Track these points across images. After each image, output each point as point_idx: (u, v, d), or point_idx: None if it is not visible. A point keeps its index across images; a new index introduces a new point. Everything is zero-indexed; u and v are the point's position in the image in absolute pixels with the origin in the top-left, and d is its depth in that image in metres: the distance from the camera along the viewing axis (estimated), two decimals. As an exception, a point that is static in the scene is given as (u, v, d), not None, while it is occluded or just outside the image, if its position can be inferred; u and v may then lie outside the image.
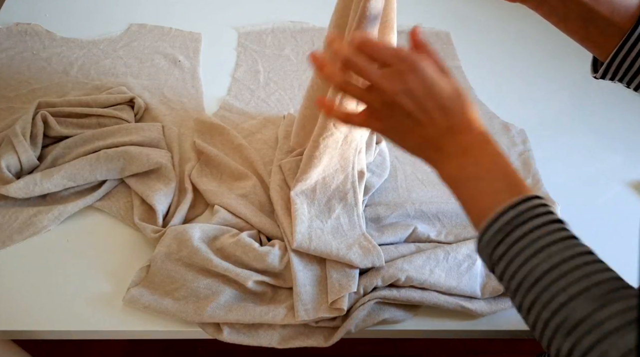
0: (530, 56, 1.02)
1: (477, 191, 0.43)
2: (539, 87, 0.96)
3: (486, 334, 0.63)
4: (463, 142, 0.43)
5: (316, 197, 0.67)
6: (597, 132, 0.89)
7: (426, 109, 0.43)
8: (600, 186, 0.81)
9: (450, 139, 0.44)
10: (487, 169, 0.43)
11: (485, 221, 0.41)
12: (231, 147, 0.76)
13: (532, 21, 1.10)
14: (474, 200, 0.43)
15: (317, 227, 0.65)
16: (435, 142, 0.44)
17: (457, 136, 0.44)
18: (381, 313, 0.61)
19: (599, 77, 0.53)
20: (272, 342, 0.60)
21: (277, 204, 0.68)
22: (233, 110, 0.84)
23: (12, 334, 0.60)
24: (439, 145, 0.44)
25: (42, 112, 0.73)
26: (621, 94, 0.96)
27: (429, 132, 0.44)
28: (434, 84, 0.43)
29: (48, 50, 0.91)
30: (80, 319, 0.59)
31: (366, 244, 0.64)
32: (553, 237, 0.38)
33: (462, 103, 0.44)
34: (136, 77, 0.87)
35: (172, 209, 0.69)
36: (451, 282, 0.62)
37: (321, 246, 0.63)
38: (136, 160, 0.70)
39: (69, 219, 0.68)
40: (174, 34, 0.97)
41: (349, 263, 0.62)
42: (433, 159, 0.45)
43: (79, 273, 0.63)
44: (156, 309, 0.59)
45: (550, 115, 0.91)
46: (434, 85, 0.43)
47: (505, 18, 1.10)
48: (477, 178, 0.43)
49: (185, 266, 0.62)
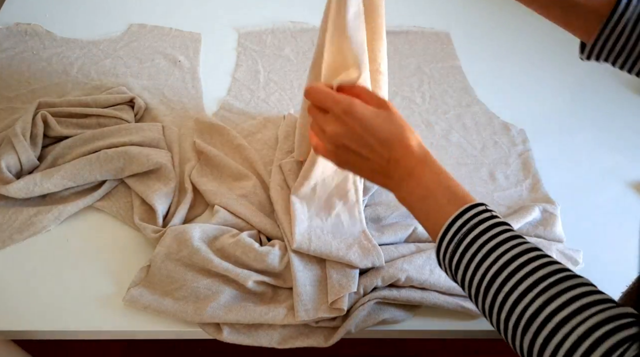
0: (530, 56, 1.02)
1: (427, 208, 0.46)
2: (539, 87, 0.96)
3: (486, 334, 0.64)
4: (407, 168, 0.47)
5: (316, 194, 0.67)
6: (597, 132, 0.89)
7: (367, 144, 0.47)
8: (600, 185, 0.81)
9: (395, 167, 0.47)
10: (430, 188, 0.46)
11: (437, 236, 0.44)
12: (231, 147, 0.76)
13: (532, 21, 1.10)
14: (427, 217, 0.46)
15: (316, 226, 0.65)
16: (384, 172, 0.48)
17: (399, 163, 0.47)
18: (381, 313, 0.61)
19: (585, 59, 0.55)
20: (272, 342, 0.60)
21: (277, 204, 0.68)
22: (233, 110, 0.84)
23: (12, 334, 0.60)
24: (387, 174, 0.48)
25: (42, 112, 0.73)
26: (621, 94, 0.96)
27: (375, 164, 0.48)
28: (369, 121, 0.47)
29: (48, 50, 0.91)
30: (80, 319, 0.59)
31: (366, 243, 0.64)
32: (498, 239, 0.41)
33: (399, 132, 0.48)
34: (136, 77, 0.87)
35: (172, 209, 0.69)
36: (451, 282, 0.62)
37: (321, 246, 0.63)
38: (136, 161, 0.70)
39: (69, 219, 0.68)
40: (174, 34, 0.97)
41: (349, 263, 0.62)
42: (387, 186, 0.49)
43: (79, 273, 0.63)
44: (156, 309, 0.59)
45: (550, 115, 0.91)
46: (370, 122, 0.47)
47: (505, 18, 1.10)
48: (424, 197, 0.46)
49: (185, 266, 0.62)
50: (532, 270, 0.39)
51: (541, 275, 0.38)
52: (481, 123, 0.87)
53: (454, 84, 0.94)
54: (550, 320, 0.36)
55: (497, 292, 0.40)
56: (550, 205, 0.74)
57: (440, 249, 0.44)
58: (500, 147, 0.84)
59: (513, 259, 0.40)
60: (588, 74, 1.00)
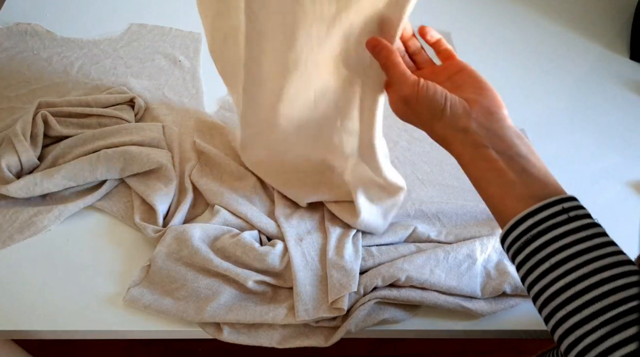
0: (531, 56, 1.02)
1: (495, 182, 0.44)
2: (540, 86, 0.96)
3: (486, 334, 0.63)
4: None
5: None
6: (597, 131, 0.89)
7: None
8: (600, 185, 0.81)
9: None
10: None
11: (505, 225, 0.42)
12: (231, 147, 0.76)
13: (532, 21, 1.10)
14: (492, 194, 0.44)
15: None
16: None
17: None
18: (381, 313, 0.61)
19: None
20: (272, 342, 0.60)
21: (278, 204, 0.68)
22: (233, 110, 0.84)
23: (12, 334, 0.60)
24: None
25: (42, 112, 0.73)
26: (621, 94, 0.96)
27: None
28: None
29: (48, 50, 0.91)
30: (80, 319, 0.59)
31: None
32: (575, 248, 0.37)
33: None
34: (136, 77, 0.87)
35: (172, 209, 0.69)
36: (451, 282, 0.62)
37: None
38: (136, 160, 0.70)
39: (69, 219, 0.68)
40: (174, 34, 0.97)
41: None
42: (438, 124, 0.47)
43: (79, 273, 0.63)
44: (156, 309, 0.59)
45: (550, 115, 0.91)
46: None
47: (505, 18, 1.10)
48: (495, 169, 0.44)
49: (186, 266, 0.62)
50: (604, 294, 0.35)
51: (611, 302, 0.35)
52: (481, 123, 0.87)
53: (454, 84, 0.94)
54: (608, 355, 0.33)
55: (559, 309, 0.37)
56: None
57: (507, 239, 0.41)
58: (501, 147, 0.84)
59: (585, 277, 0.36)
60: (588, 74, 1.00)
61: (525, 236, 0.40)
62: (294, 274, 0.61)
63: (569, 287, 0.36)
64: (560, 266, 0.37)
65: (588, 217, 0.39)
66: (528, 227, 0.39)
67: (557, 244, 0.38)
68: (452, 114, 0.45)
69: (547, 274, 0.38)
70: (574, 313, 0.36)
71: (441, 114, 0.45)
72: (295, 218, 0.68)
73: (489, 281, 0.64)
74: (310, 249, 0.64)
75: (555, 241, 0.38)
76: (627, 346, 0.33)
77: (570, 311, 0.36)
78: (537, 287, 0.39)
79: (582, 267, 0.37)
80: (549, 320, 0.38)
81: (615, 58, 1.03)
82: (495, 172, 0.43)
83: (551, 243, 0.38)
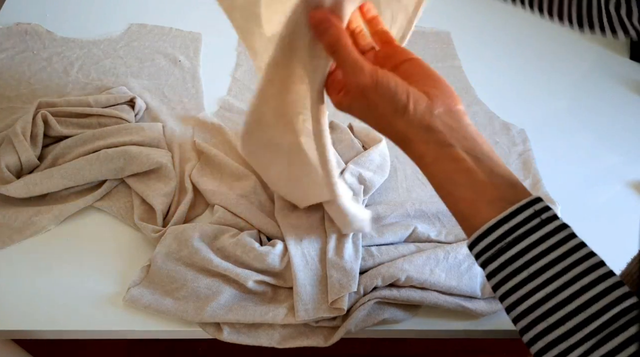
0: (531, 56, 1.02)
1: (458, 188, 0.41)
2: (539, 87, 0.96)
3: (486, 334, 0.63)
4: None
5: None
6: (597, 131, 0.89)
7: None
8: (600, 185, 0.81)
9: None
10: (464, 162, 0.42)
11: (472, 234, 0.39)
12: (231, 147, 0.76)
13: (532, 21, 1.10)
14: (456, 200, 0.42)
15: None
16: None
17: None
18: (381, 313, 0.61)
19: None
20: (272, 342, 0.60)
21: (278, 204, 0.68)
22: (233, 110, 0.84)
23: (12, 334, 0.60)
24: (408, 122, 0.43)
25: (42, 112, 0.73)
26: (621, 94, 0.96)
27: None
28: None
29: (48, 50, 0.91)
30: (80, 319, 0.59)
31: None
32: (553, 255, 0.36)
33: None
34: (136, 77, 0.87)
35: (172, 209, 0.69)
36: (451, 282, 0.62)
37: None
38: (136, 160, 0.70)
39: (69, 219, 0.68)
40: (174, 34, 0.97)
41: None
42: (403, 135, 0.43)
43: (79, 273, 0.63)
44: (156, 309, 0.59)
45: (550, 115, 0.91)
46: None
47: (505, 18, 1.10)
48: (456, 171, 0.42)
49: (186, 266, 0.62)
50: (586, 304, 0.34)
51: (594, 311, 0.33)
52: (481, 123, 0.87)
53: (454, 84, 0.93)
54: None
55: (539, 320, 0.35)
56: (551, 205, 0.74)
57: (478, 245, 0.39)
58: (501, 147, 0.84)
59: (565, 287, 0.34)
60: (588, 74, 1.00)
61: (499, 244, 0.37)
62: (294, 274, 0.61)
63: (549, 297, 0.35)
64: (538, 275, 0.35)
65: (557, 218, 0.37)
66: (502, 234, 0.37)
67: (533, 251, 0.36)
68: (415, 111, 0.40)
69: (525, 283, 0.36)
70: (557, 326, 0.34)
71: (403, 110, 0.40)
72: (295, 218, 0.68)
73: (489, 280, 0.64)
74: (310, 249, 0.64)
75: (531, 248, 0.36)
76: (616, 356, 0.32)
77: (552, 323, 0.34)
78: (513, 297, 0.37)
79: (562, 275, 0.35)
80: (526, 332, 0.36)
81: (615, 58, 1.03)
82: (464, 173, 0.40)
83: (528, 251, 0.36)
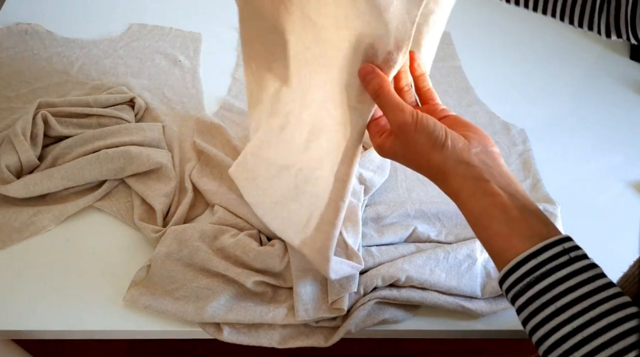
0: (531, 56, 1.02)
1: (491, 224, 0.43)
2: (540, 87, 0.96)
3: (486, 334, 0.63)
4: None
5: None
6: (597, 132, 0.89)
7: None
8: (600, 185, 0.81)
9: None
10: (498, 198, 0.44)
11: (503, 268, 0.41)
12: (231, 147, 0.76)
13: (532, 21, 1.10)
14: (490, 236, 0.43)
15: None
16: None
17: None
18: (381, 313, 0.61)
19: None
20: (272, 342, 0.60)
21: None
22: (233, 109, 0.84)
23: (12, 334, 0.60)
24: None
25: (42, 112, 0.73)
26: (621, 94, 0.96)
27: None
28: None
29: (48, 50, 0.91)
30: (80, 319, 0.59)
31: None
32: (581, 291, 0.37)
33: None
34: (136, 77, 0.87)
35: (172, 209, 0.69)
36: (451, 282, 0.62)
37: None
38: (136, 160, 0.70)
39: (69, 219, 0.68)
40: (174, 34, 0.97)
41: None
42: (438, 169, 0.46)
43: (79, 273, 0.63)
44: (156, 309, 0.59)
45: (551, 115, 0.91)
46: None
47: (505, 18, 1.10)
48: (489, 205, 0.43)
49: (186, 266, 0.62)
50: (612, 340, 0.35)
51: (621, 348, 0.34)
52: (481, 123, 0.87)
53: (454, 84, 0.94)
54: None
55: (567, 354, 0.36)
56: (551, 205, 0.74)
57: (507, 279, 0.40)
58: (501, 147, 0.84)
59: (591, 322, 0.35)
60: (588, 74, 1.00)
61: (527, 278, 0.38)
62: (294, 273, 0.61)
63: (576, 332, 0.36)
64: (566, 309, 0.37)
65: (586, 258, 0.39)
66: (531, 268, 0.38)
67: (561, 286, 0.37)
68: (454, 147, 0.43)
69: (553, 317, 0.37)
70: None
71: (442, 145, 0.43)
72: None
73: (489, 281, 0.64)
74: (310, 249, 0.64)
75: (559, 283, 0.37)
76: None
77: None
78: (541, 331, 0.38)
79: (589, 310, 0.36)
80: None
81: (615, 58, 1.03)
82: (500, 208, 0.41)
83: (555, 286, 0.37)
